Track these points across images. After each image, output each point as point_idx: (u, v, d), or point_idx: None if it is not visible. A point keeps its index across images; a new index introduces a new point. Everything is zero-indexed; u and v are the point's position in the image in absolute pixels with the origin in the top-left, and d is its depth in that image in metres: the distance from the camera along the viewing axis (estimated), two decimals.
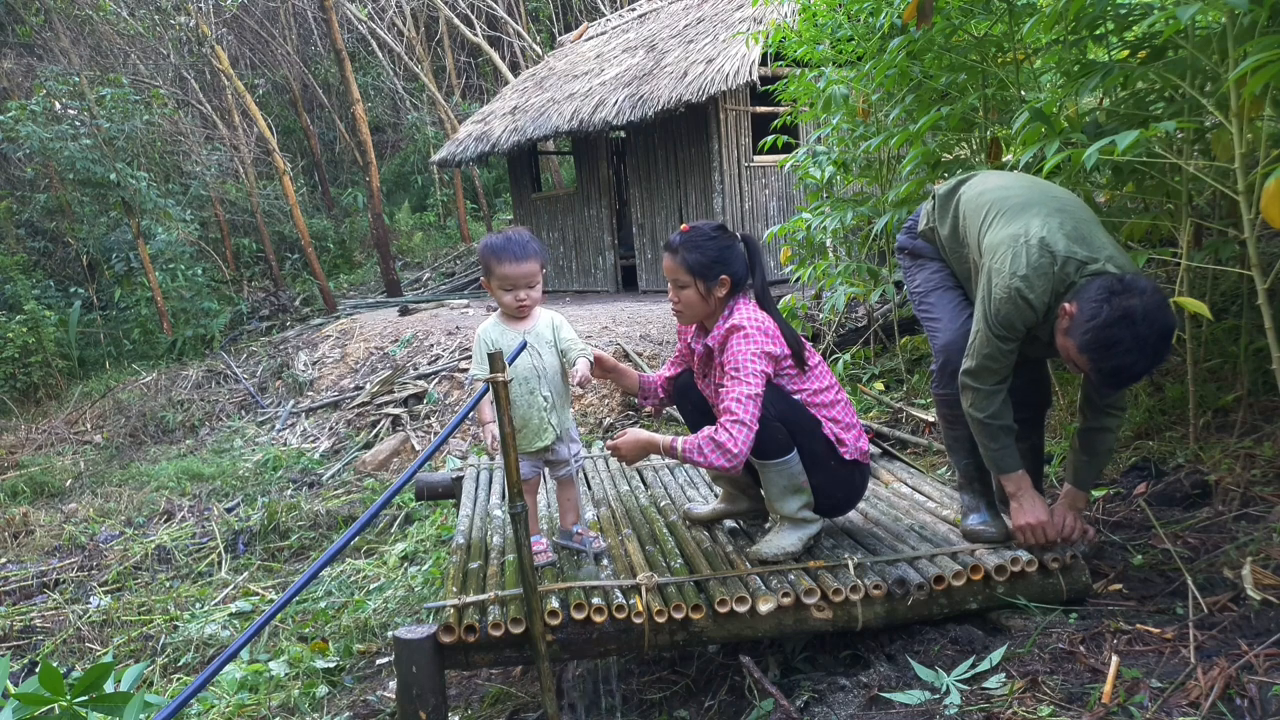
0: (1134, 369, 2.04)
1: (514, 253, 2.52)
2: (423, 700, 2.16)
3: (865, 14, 4.25)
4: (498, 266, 2.53)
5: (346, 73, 13.91)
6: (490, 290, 2.61)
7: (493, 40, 18.32)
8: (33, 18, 15.60)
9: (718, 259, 2.43)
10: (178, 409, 10.02)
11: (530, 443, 2.62)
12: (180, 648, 4.21)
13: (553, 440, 2.65)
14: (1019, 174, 2.65)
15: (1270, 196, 2.16)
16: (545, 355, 2.61)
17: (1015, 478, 2.36)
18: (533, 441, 2.63)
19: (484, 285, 2.65)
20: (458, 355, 8.25)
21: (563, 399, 2.67)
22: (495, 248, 2.53)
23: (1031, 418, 2.57)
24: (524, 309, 2.59)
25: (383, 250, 14.27)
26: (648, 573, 2.40)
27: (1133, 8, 3.03)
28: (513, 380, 2.50)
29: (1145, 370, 2.07)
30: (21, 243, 14.93)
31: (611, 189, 11.03)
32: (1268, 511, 2.55)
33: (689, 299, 2.48)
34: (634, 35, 11.54)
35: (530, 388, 2.58)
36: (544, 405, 2.61)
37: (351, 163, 19.58)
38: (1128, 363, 2.02)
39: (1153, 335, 1.99)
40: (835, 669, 2.34)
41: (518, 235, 2.56)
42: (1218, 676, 1.78)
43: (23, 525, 6.57)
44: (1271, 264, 2.58)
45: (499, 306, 2.64)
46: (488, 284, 2.61)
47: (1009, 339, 2.23)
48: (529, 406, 2.60)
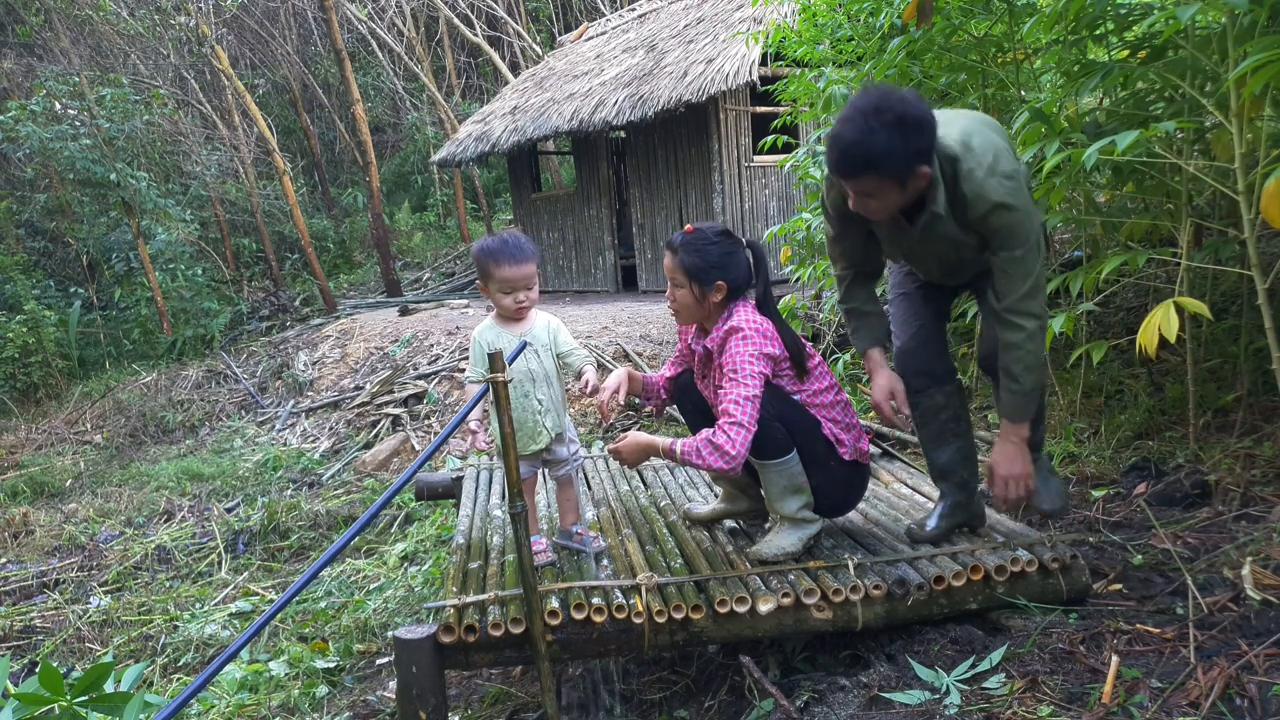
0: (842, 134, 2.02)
1: (513, 255, 2.51)
2: (423, 700, 2.16)
3: (865, 14, 4.25)
4: (497, 270, 2.51)
5: (346, 73, 13.91)
6: (488, 294, 2.59)
7: (493, 40, 18.32)
8: (33, 18, 15.59)
9: (715, 264, 2.42)
10: (178, 409, 10.02)
11: (525, 445, 2.62)
12: (180, 648, 4.21)
13: (548, 443, 2.65)
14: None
15: (1270, 196, 2.16)
16: (541, 358, 2.61)
17: (867, 356, 2.52)
18: (527, 445, 2.63)
19: (481, 290, 2.63)
20: (458, 355, 8.25)
21: (558, 402, 2.67)
22: (493, 251, 2.52)
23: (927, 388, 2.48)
24: (523, 311, 2.59)
25: (383, 250, 14.27)
26: (648, 573, 2.40)
27: (1133, 8, 3.03)
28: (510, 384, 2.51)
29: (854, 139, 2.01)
30: (21, 243, 14.93)
31: (611, 189, 11.03)
32: (1268, 511, 2.55)
33: (683, 300, 2.49)
34: (634, 35, 11.54)
35: (524, 391, 2.58)
36: (538, 408, 2.61)
37: (351, 163, 19.58)
38: (838, 130, 2.04)
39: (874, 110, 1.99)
40: (835, 669, 2.34)
41: (513, 238, 2.55)
42: (1218, 676, 1.78)
43: (23, 525, 6.57)
44: (1271, 264, 2.58)
45: (495, 309, 2.64)
46: (485, 288, 2.59)
47: (827, 218, 2.47)
48: (523, 410, 2.59)
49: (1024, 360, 2.19)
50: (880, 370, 2.47)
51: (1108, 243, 3.59)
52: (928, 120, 2.04)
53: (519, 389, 2.57)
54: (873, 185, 2.10)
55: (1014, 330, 2.18)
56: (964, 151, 2.11)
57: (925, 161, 2.07)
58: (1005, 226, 2.10)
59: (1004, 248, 2.13)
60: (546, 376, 2.62)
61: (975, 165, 2.09)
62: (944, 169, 2.13)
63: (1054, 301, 4.05)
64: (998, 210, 2.08)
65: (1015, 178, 2.10)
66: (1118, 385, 3.66)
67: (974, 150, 2.10)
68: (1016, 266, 2.14)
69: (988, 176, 2.08)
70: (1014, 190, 2.08)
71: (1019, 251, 2.12)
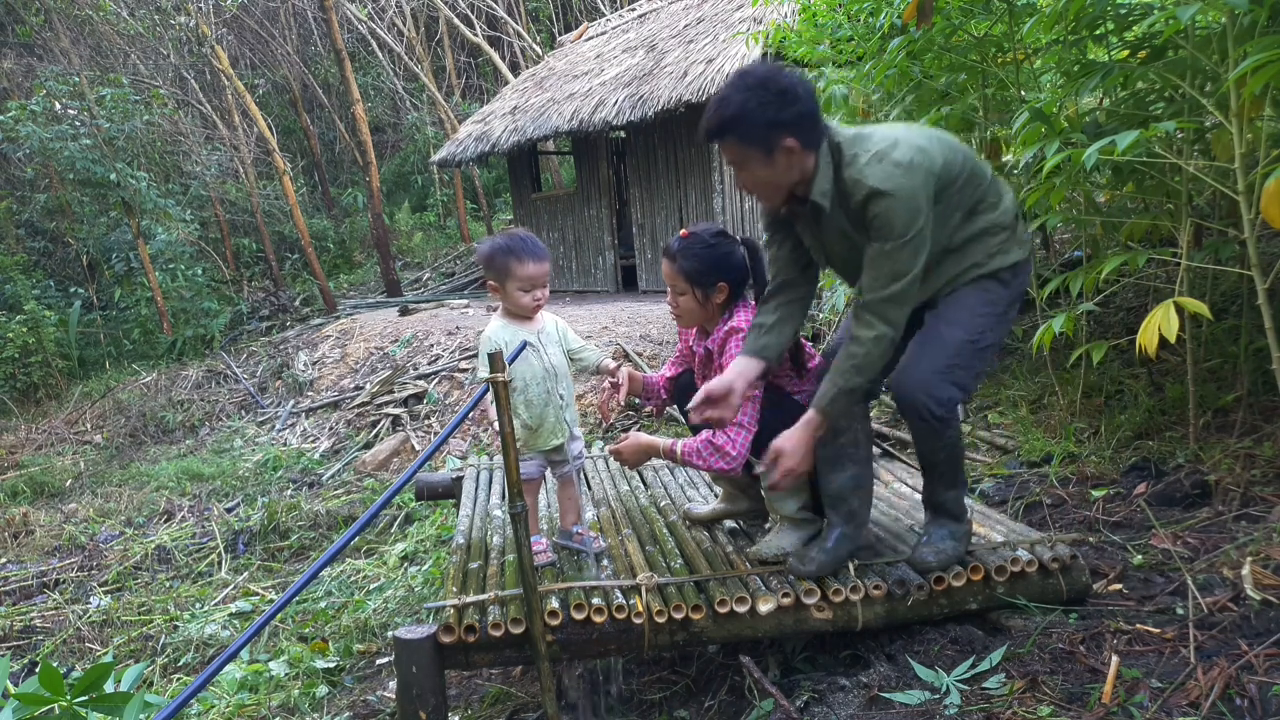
0: (711, 99, 2.04)
1: (532, 252, 2.51)
2: (423, 700, 2.16)
3: (865, 14, 4.25)
4: (520, 268, 2.50)
5: (346, 73, 13.91)
6: (503, 293, 2.55)
7: (493, 40, 18.32)
8: (33, 18, 15.59)
9: (715, 265, 2.43)
10: (178, 409, 10.02)
11: (547, 440, 2.63)
12: (180, 648, 4.21)
13: (565, 437, 2.67)
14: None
15: (1270, 196, 2.16)
16: (557, 354, 2.64)
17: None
18: (549, 439, 2.64)
19: (494, 290, 2.57)
20: (458, 355, 8.25)
21: (571, 397, 2.70)
22: (513, 249, 2.51)
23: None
24: (539, 308, 2.60)
25: (383, 250, 14.27)
26: (648, 573, 2.40)
27: (1133, 8, 3.03)
28: (532, 380, 2.53)
29: (716, 101, 2.02)
30: (21, 243, 14.93)
31: (611, 189, 11.03)
32: (1268, 511, 2.55)
33: (686, 305, 2.50)
34: (634, 35, 11.54)
35: (547, 387, 2.60)
36: (560, 403, 2.63)
37: (351, 163, 19.58)
38: (722, 94, 2.02)
39: (739, 75, 2.01)
40: (835, 669, 2.34)
41: (527, 235, 2.56)
42: (1218, 676, 1.78)
43: (23, 525, 6.57)
44: (1271, 264, 2.58)
45: (511, 308, 2.60)
46: (501, 287, 2.54)
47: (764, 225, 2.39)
48: (546, 405, 2.61)
49: (858, 359, 2.10)
50: (729, 371, 2.27)
51: (1108, 243, 3.59)
52: (794, 91, 1.99)
53: (542, 385, 2.58)
54: (735, 153, 2.07)
55: (864, 326, 2.09)
56: (854, 138, 2.06)
57: (790, 134, 2.00)
58: (880, 214, 1.99)
59: (877, 238, 2.02)
60: (564, 372, 2.65)
61: (861, 151, 2.03)
62: (833, 156, 2.07)
63: (1054, 301, 4.05)
64: (874, 197, 1.98)
65: (909, 169, 1.98)
66: (1118, 385, 3.66)
67: (866, 138, 2.05)
68: (884, 261, 2.02)
69: (871, 162, 1.99)
70: (897, 178, 1.97)
71: (889, 245, 2.00)
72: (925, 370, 2.14)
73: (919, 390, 2.13)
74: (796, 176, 2.10)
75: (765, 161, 2.06)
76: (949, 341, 2.16)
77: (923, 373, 2.14)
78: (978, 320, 2.18)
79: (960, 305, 2.20)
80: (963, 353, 2.15)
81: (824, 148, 2.09)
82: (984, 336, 2.18)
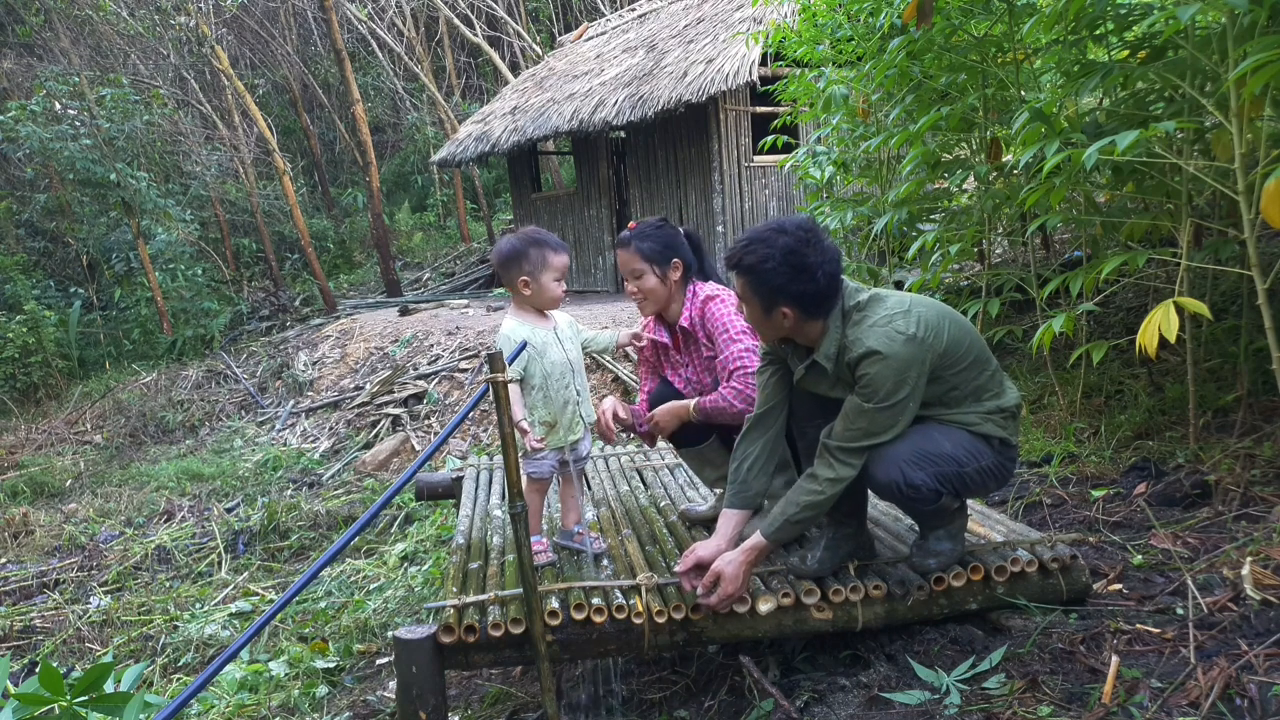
0: (753, 246, 2.10)
1: (559, 244, 2.57)
2: (423, 700, 2.16)
3: (865, 14, 4.25)
4: (555, 257, 2.53)
5: (346, 73, 13.92)
6: (534, 286, 2.53)
7: (493, 40, 18.32)
8: (33, 18, 15.60)
9: (668, 244, 2.64)
10: (178, 409, 10.02)
11: (565, 436, 2.64)
12: (180, 648, 4.22)
13: (582, 432, 2.69)
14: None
15: (1270, 196, 2.17)
16: (574, 349, 2.66)
17: (723, 513, 2.35)
18: (567, 435, 2.64)
19: (522, 285, 2.54)
20: (458, 355, 8.25)
21: (586, 391, 2.72)
22: (544, 241, 2.53)
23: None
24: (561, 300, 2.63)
25: (383, 250, 14.27)
26: (648, 573, 2.40)
27: (1133, 8, 3.03)
28: (553, 375, 2.56)
29: (756, 254, 2.08)
30: (21, 243, 14.94)
31: (611, 189, 11.04)
32: (1268, 511, 2.55)
33: (648, 285, 2.65)
34: (634, 35, 11.54)
35: (566, 382, 2.60)
36: (577, 398, 2.65)
37: (351, 163, 19.58)
38: (758, 236, 2.11)
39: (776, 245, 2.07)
40: (835, 669, 2.34)
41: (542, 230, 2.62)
42: (1218, 676, 1.78)
43: (23, 525, 6.57)
44: (1271, 264, 2.58)
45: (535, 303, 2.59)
46: (534, 279, 2.52)
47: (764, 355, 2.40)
48: (564, 400, 2.61)
49: (813, 498, 2.13)
50: (723, 531, 2.28)
51: (1108, 243, 3.59)
52: (812, 271, 2.06)
53: (562, 380, 2.58)
54: (741, 290, 2.18)
55: (825, 467, 2.13)
56: (870, 301, 2.10)
57: (791, 305, 2.08)
58: (869, 375, 2.03)
59: (860, 395, 2.06)
60: (580, 367, 2.67)
61: (870, 313, 2.08)
62: (844, 320, 2.12)
63: (1054, 301, 4.05)
64: (868, 357, 2.02)
65: (909, 339, 2.02)
66: (1118, 385, 3.66)
67: (880, 301, 2.10)
68: (861, 418, 2.07)
69: (876, 326, 2.04)
70: (897, 345, 2.01)
71: (869, 405, 2.04)
72: (905, 453, 2.10)
73: (892, 466, 2.10)
74: (790, 333, 2.18)
75: (762, 313, 2.15)
76: (936, 441, 2.13)
77: (901, 455, 2.10)
78: (963, 447, 2.14)
79: (953, 430, 2.16)
80: (945, 460, 2.11)
81: (836, 313, 2.12)
82: (970, 461, 2.13)
